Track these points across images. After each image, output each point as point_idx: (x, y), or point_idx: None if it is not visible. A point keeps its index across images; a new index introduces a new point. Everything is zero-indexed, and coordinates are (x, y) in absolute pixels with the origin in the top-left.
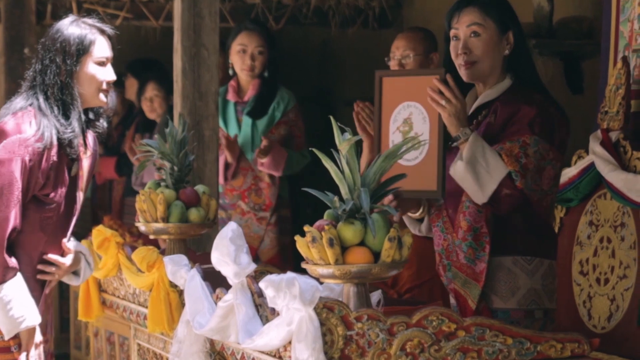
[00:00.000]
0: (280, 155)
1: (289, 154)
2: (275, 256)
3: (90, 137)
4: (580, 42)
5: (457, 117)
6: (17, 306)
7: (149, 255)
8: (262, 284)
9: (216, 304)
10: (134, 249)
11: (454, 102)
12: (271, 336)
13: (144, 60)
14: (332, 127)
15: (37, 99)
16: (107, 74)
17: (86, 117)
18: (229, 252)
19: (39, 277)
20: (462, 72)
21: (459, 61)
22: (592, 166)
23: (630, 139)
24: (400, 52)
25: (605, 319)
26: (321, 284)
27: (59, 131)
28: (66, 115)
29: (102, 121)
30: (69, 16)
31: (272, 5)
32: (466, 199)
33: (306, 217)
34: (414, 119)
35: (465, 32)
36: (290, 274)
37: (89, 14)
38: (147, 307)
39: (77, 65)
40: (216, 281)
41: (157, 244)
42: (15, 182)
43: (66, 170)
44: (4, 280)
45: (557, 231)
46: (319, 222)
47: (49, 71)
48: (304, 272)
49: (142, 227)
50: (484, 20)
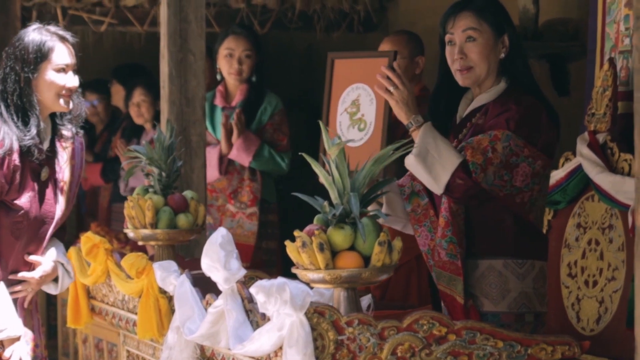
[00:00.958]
0: (250, 141)
1: (262, 145)
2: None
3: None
4: (566, 44)
5: (406, 104)
6: None
7: (138, 261)
8: (252, 289)
9: (206, 309)
10: (122, 255)
11: (402, 89)
12: (262, 341)
13: (129, 65)
14: (316, 131)
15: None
16: (67, 80)
17: (53, 122)
18: (219, 257)
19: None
20: (458, 77)
21: (455, 66)
22: (579, 168)
23: (617, 140)
24: None
25: (594, 321)
26: (311, 288)
27: (18, 138)
28: (25, 121)
29: (70, 126)
30: (33, 24)
31: (257, 9)
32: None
33: (293, 223)
34: (361, 100)
35: (460, 37)
36: (280, 279)
37: (74, 20)
38: (136, 314)
39: (36, 72)
40: (206, 287)
41: (145, 250)
42: None
43: (32, 175)
44: None
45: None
46: (309, 227)
47: (9, 79)
48: (291, 277)
49: (130, 233)
50: (479, 24)
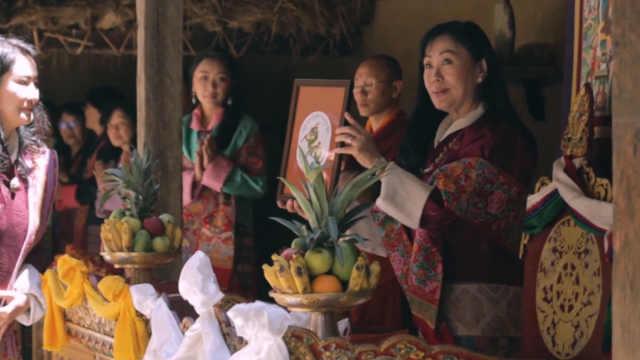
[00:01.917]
0: (221, 168)
1: (234, 170)
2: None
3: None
4: (541, 69)
5: (367, 150)
6: None
7: (115, 284)
8: (230, 312)
9: (183, 333)
10: (98, 278)
11: (359, 137)
12: None
13: (103, 89)
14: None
15: None
16: (28, 93)
17: (19, 135)
18: (196, 281)
19: None
20: (435, 99)
21: (432, 89)
22: (555, 193)
23: (593, 165)
24: (363, 79)
25: (569, 345)
26: (288, 312)
27: None
28: None
29: (34, 138)
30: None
31: (233, 33)
32: None
33: (269, 246)
34: (319, 128)
35: (438, 60)
36: (258, 303)
37: (50, 42)
38: (113, 337)
39: None
40: (183, 310)
41: (120, 273)
42: None
43: (1, 186)
44: None
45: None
46: (287, 251)
47: None
48: (267, 300)
49: (107, 256)
50: (456, 47)
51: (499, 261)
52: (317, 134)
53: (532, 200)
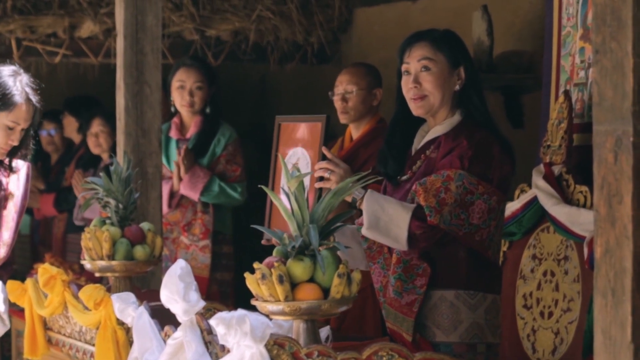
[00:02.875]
0: (197, 178)
1: (211, 180)
2: (215, 291)
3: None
4: (520, 77)
5: None
6: None
7: (96, 293)
8: (212, 321)
9: (165, 341)
10: (79, 286)
11: (337, 171)
12: None
13: (81, 97)
14: (268, 164)
15: None
16: (12, 138)
17: None
18: (178, 289)
19: None
20: (412, 106)
21: (409, 95)
22: (535, 200)
23: (573, 172)
24: (343, 87)
25: (549, 352)
26: (270, 320)
27: None
28: None
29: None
30: (15, 65)
31: (211, 41)
32: None
33: (248, 254)
34: (300, 164)
35: (416, 67)
36: (241, 311)
37: (28, 51)
38: (94, 345)
39: None
40: (164, 318)
41: (100, 281)
42: None
43: None
44: None
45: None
46: (268, 259)
47: None
48: (247, 308)
49: (87, 264)
50: (434, 54)
51: (477, 268)
52: (298, 169)
53: (512, 207)
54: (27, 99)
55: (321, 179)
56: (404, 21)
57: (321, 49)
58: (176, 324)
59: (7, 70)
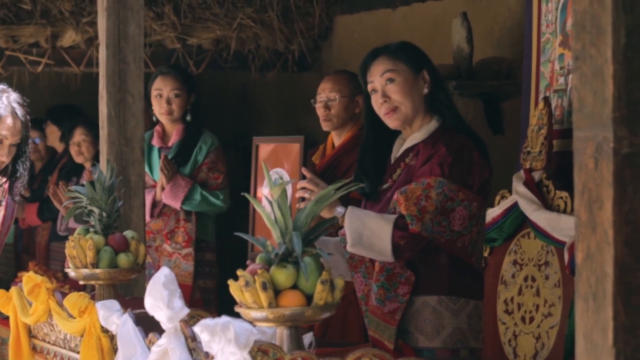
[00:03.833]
0: (179, 187)
1: (192, 189)
2: (198, 298)
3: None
4: (500, 83)
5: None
6: None
7: (80, 300)
8: (196, 328)
9: (149, 348)
10: (63, 294)
11: (317, 190)
12: None
13: (64, 106)
14: (249, 171)
15: None
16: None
17: None
18: (162, 296)
19: None
20: (387, 121)
21: (382, 111)
22: (515, 206)
23: (553, 178)
24: (326, 94)
25: (530, 357)
26: (254, 327)
27: None
28: None
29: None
30: (3, 83)
31: (192, 50)
32: None
33: (231, 261)
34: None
35: (380, 82)
36: (225, 318)
37: (11, 60)
38: (78, 353)
39: None
40: (148, 326)
41: (84, 289)
42: None
43: None
44: None
45: None
46: (252, 266)
47: None
48: (230, 315)
49: (71, 272)
50: (394, 64)
51: (460, 274)
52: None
53: (492, 213)
54: (12, 113)
55: (302, 199)
56: (384, 28)
57: (302, 57)
58: (160, 331)
59: None
